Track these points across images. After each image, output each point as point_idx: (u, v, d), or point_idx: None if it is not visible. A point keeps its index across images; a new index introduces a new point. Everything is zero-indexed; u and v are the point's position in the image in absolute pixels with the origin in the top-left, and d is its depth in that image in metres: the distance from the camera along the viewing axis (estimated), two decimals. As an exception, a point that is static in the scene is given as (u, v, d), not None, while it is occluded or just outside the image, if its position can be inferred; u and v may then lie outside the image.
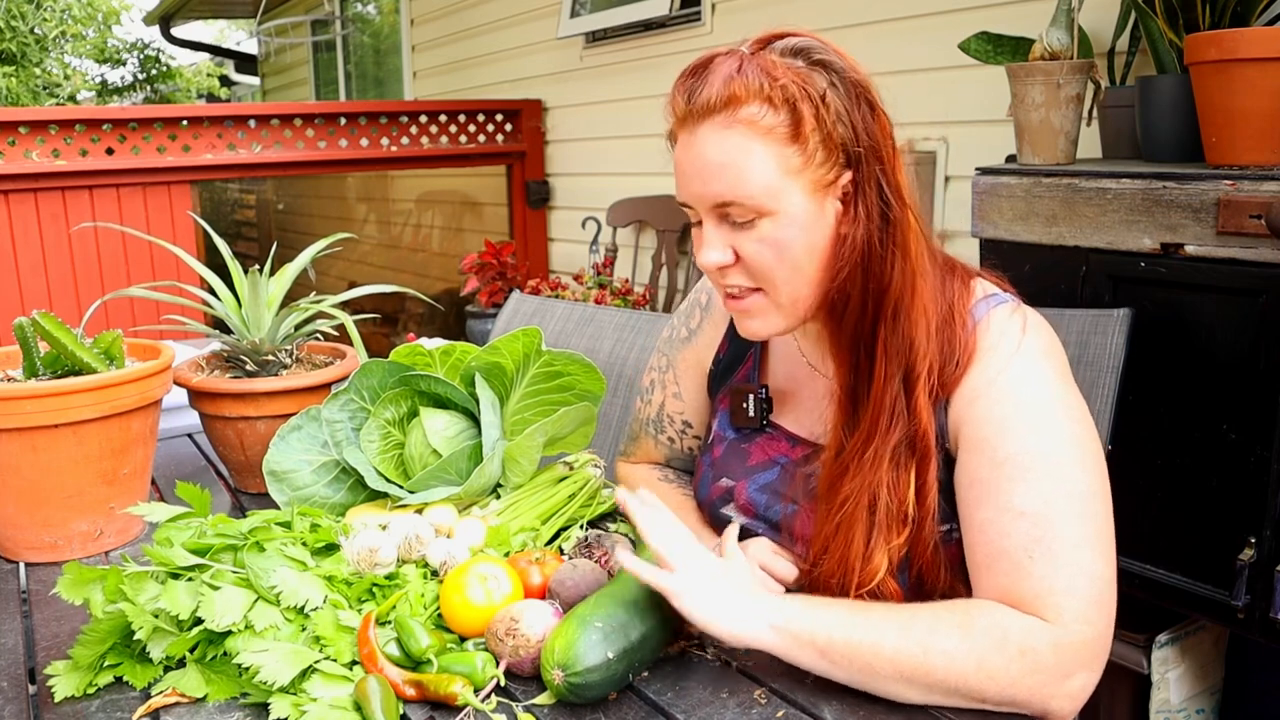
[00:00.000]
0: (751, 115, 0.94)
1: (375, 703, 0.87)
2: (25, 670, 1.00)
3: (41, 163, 3.50)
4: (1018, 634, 0.88)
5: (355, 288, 1.62)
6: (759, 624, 0.91)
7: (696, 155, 0.97)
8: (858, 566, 0.99)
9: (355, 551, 1.07)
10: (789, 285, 0.99)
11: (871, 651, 0.88)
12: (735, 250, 0.99)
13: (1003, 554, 0.93)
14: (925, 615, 0.91)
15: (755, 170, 0.94)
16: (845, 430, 1.02)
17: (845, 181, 0.97)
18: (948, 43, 2.22)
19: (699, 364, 1.26)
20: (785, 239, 0.97)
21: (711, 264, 1.00)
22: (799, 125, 0.94)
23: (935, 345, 0.98)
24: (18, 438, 1.19)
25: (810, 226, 0.97)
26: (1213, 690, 1.86)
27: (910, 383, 0.99)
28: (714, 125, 0.95)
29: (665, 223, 3.67)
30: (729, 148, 0.95)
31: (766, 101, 0.94)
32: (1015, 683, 0.87)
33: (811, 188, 0.96)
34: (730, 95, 0.94)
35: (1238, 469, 1.53)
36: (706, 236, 0.99)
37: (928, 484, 0.99)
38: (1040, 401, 0.96)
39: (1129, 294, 1.65)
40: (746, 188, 0.95)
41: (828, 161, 0.96)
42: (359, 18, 7.12)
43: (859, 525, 0.99)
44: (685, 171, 0.99)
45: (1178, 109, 1.75)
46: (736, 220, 0.97)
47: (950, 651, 0.87)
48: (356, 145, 4.13)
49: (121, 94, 12.97)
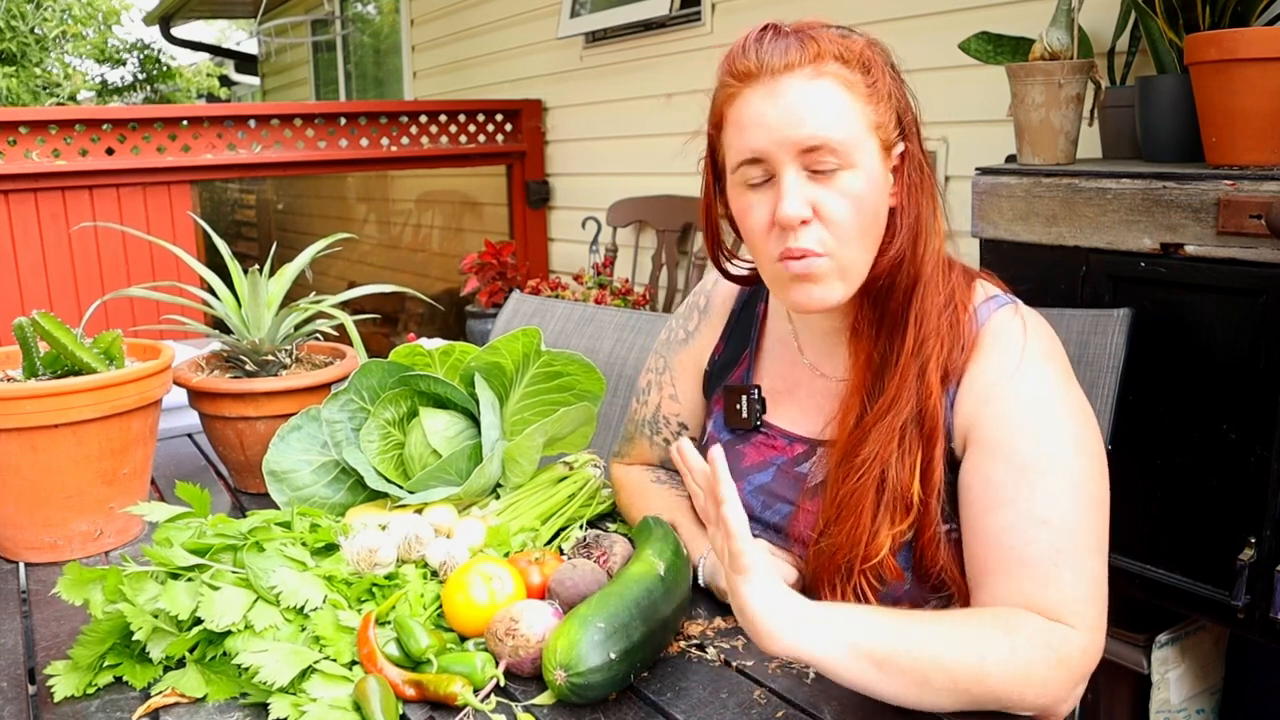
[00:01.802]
0: (836, 70, 0.97)
1: (375, 703, 0.87)
2: (25, 670, 1.00)
3: (41, 163, 3.50)
4: (1059, 642, 0.89)
5: (355, 288, 1.62)
6: (820, 632, 0.83)
7: (784, 103, 0.96)
8: (864, 540, 0.99)
9: (355, 551, 1.07)
10: (856, 247, 1.00)
11: (932, 663, 0.85)
12: (814, 207, 0.98)
13: (1026, 561, 0.92)
14: (969, 625, 0.90)
15: (847, 116, 0.96)
16: (869, 398, 1.03)
17: (899, 150, 1.01)
18: (948, 43, 2.22)
19: (696, 366, 1.26)
20: (864, 196, 0.98)
21: (795, 216, 0.97)
22: (875, 85, 0.98)
23: (944, 323, 1.01)
24: (18, 438, 1.19)
25: (882, 188, 1.00)
26: (1213, 690, 1.86)
27: (924, 361, 1.00)
28: (801, 76, 0.96)
29: (665, 223, 3.67)
30: (821, 95, 0.96)
31: (844, 61, 0.97)
32: (1051, 689, 0.88)
33: (881, 149, 0.99)
34: (815, 51, 0.97)
35: (1238, 469, 1.53)
36: (788, 187, 0.97)
37: (933, 466, 0.99)
38: (1050, 406, 0.97)
39: (1129, 294, 1.65)
40: (840, 131, 0.96)
41: (894, 125, 1.00)
42: (359, 18, 7.12)
43: (868, 499, 0.99)
44: (767, 120, 0.97)
45: (1178, 109, 1.75)
46: (820, 168, 0.97)
47: (1004, 662, 0.86)
48: (356, 145, 4.13)
49: (121, 94, 12.97)
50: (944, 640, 0.87)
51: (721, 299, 1.25)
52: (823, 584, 1.04)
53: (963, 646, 0.86)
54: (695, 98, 4.15)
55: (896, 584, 1.01)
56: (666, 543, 1.09)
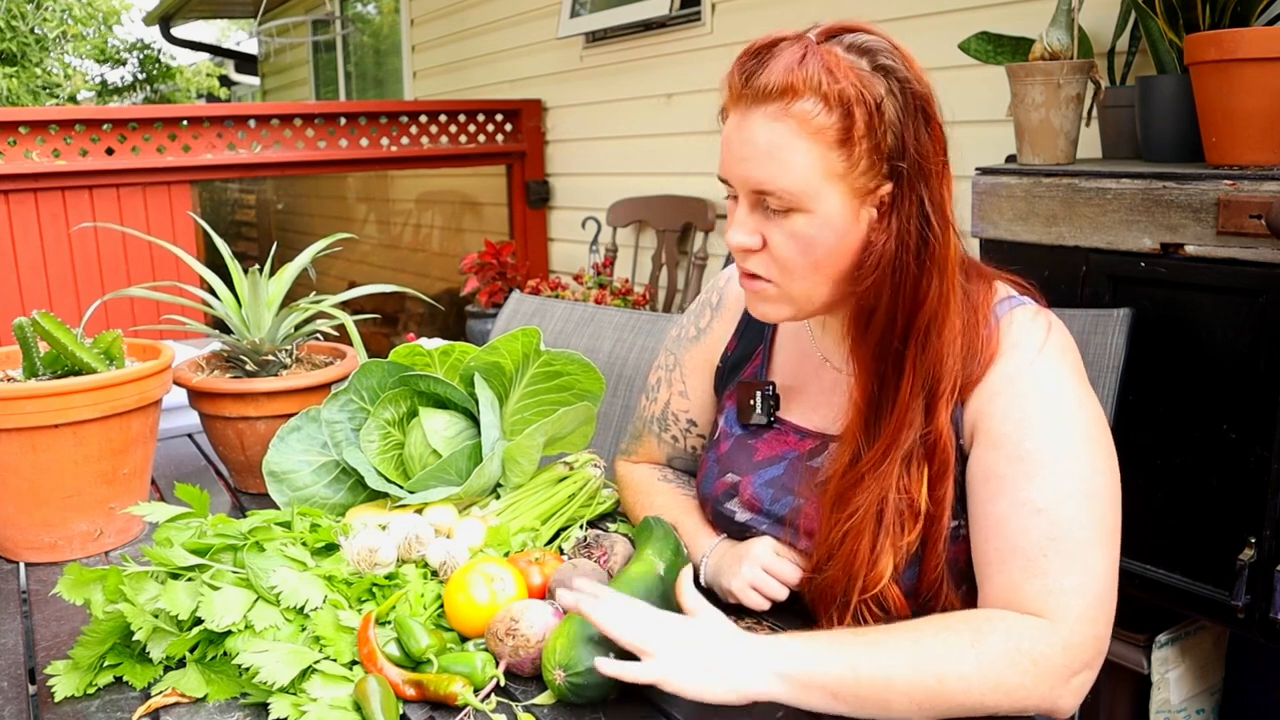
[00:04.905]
0: (804, 111, 0.93)
1: (375, 703, 0.87)
2: (25, 670, 1.00)
3: (41, 163, 3.50)
4: (1030, 643, 0.88)
5: (355, 288, 1.62)
6: (763, 675, 0.86)
7: (744, 138, 0.97)
8: (862, 572, 0.99)
9: (355, 551, 1.07)
10: (806, 281, 0.99)
11: (885, 687, 0.86)
12: (764, 237, 0.99)
13: (1017, 550, 0.92)
14: (935, 638, 0.89)
15: (798, 166, 0.94)
16: (864, 440, 1.01)
17: (884, 192, 0.96)
18: (948, 43, 2.22)
19: (707, 363, 1.26)
20: (814, 238, 0.97)
21: (737, 244, 1.00)
22: (849, 130, 0.93)
23: (960, 361, 0.98)
24: (18, 438, 1.19)
25: (842, 231, 0.97)
26: (1213, 690, 1.86)
27: (933, 398, 0.99)
28: (766, 113, 0.95)
29: (665, 223, 3.67)
30: (777, 139, 0.95)
31: (822, 99, 0.93)
32: (1029, 693, 0.88)
33: (850, 193, 0.96)
34: (787, 85, 0.93)
35: (1238, 469, 1.53)
36: (739, 217, 1.00)
37: (945, 491, 0.98)
38: (1059, 400, 0.97)
39: (1129, 294, 1.65)
40: (786, 181, 0.95)
41: (871, 170, 0.95)
42: (359, 18, 7.12)
43: (866, 533, 0.99)
44: (731, 151, 0.99)
45: (1178, 109, 1.75)
46: (771, 208, 0.97)
47: (966, 676, 0.86)
48: (356, 145, 4.13)
49: (121, 94, 12.98)
50: (901, 661, 0.86)
51: (734, 295, 1.25)
52: (821, 615, 1.04)
53: (919, 668, 0.86)
54: (695, 98, 4.18)
55: (899, 614, 1.01)
56: (667, 543, 1.10)
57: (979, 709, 0.87)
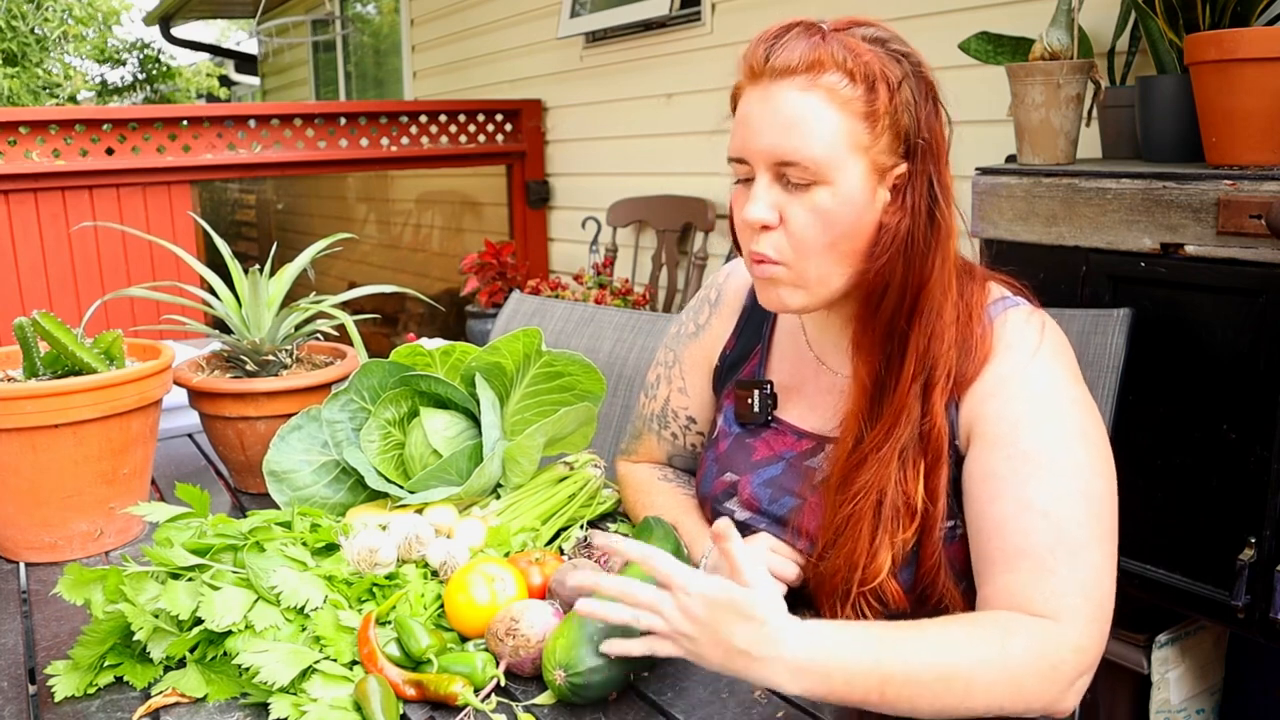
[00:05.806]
0: (833, 83, 0.95)
1: (375, 703, 0.87)
2: (25, 670, 1.00)
3: (41, 163, 3.50)
4: (1051, 649, 0.88)
5: (355, 288, 1.62)
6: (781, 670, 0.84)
7: (770, 109, 0.97)
8: (862, 563, 0.99)
9: (355, 551, 1.07)
10: (819, 261, 0.99)
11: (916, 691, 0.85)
12: (782, 214, 0.99)
13: (1023, 553, 0.92)
14: (965, 641, 0.88)
15: (826, 134, 0.95)
16: (866, 422, 1.02)
17: (900, 171, 0.99)
18: (948, 43, 2.22)
19: (706, 360, 1.26)
20: (834, 213, 0.97)
21: (756, 220, 0.99)
22: (874, 104, 0.95)
23: (955, 350, 0.99)
24: (18, 438, 1.19)
25: (860, 208, 0.98)
26: (1213, 690, 1.86)
27: (929, 387, 0.99)
28: (794, 84, 0.96)
29: (665, 223, 3.67)
30: (805, 109, 0.95)
31: (848, 74, 0.95)
32: (1040, 695, 0.88)
33: (870, 169, 0.97)
34: (815, 59, 0.95)
35: (1238, 469, 1.53)
36: (758, 192, 0.99)
37: (939, 483, 0.99)
38: (1053, 400, 0.97)
39: (1129, 294, 1.65)
40: (814, 149, 0.95)
41: (890, 148, 0.98)
42: (359, 18, 7.12)
43: (866, 521, 0.99)
44: (752, 124, 0.98)
45: (1178, 109, 1.75)
46: (793, 181, 0.97)
47: (991, 685, 0.86)
48: (356, 145, 4.13)
49: (121, 94, 12.97)
50: (930, 662, 0.85)
51: (733, 293, 1.25)
52: (823, 605, 1.04)
53: (952, 667, 0.85)
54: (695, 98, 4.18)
55: (898, 609, 1.01)
56: (667, 542, 1.10)
57: (992, 711, 0.87)
